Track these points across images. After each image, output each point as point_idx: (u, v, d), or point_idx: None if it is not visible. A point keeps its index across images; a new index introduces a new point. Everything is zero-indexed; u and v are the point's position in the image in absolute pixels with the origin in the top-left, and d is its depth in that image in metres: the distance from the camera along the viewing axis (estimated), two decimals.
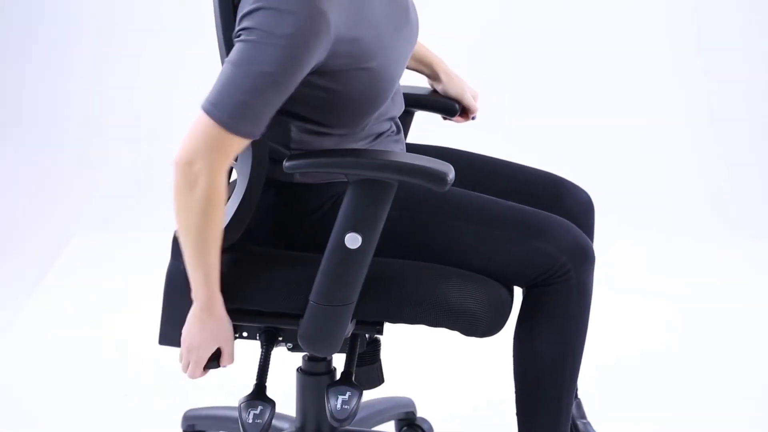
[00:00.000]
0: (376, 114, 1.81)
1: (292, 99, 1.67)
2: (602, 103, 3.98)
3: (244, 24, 1.62)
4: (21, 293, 3.19)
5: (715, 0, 4.00)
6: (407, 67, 2.13)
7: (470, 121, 2.20)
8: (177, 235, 1.72)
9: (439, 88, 2.16)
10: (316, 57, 1.64)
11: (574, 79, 4.00)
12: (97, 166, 3.87)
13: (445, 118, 2.18)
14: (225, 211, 1.71)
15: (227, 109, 1.61)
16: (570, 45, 4.00)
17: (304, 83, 1.67)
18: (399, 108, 1.92)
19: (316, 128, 1.77)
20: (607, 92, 3.99)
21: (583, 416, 2.09)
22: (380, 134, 1.86)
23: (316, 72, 1.67)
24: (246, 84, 1.61)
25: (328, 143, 1.79)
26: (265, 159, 1.75)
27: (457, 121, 2.18)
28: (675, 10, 4.01)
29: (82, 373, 2.73)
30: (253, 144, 1.72)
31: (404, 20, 1.83)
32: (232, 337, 1.78)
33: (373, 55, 1.72)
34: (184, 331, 1.77)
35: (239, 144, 1.64)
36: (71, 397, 2.61)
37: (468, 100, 2.15)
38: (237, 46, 1.63)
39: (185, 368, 1.80)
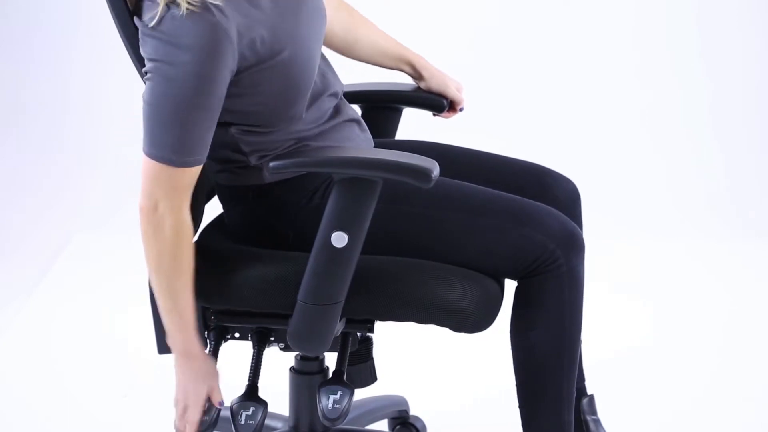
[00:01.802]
0: (309, 96, 1.80)
1: (226, 114, 1.70)
2: (602, 103, 3.96)
3: (148, 62, 1.64)
4: (21, 293, 3.19)
5: (715, 0, 3.98)
6: (388, 67, 2.13)
7: (459, 114, 2.19)
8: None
9: (422, 85, 2.15)
10: (228, 67, 1.64)
11: (573, 79, 3.98)
12: (97, 166, 3.86)
13: (435, 115, 2.18)
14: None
15: (167, 147, 1.63)
16: (568, 45, 3.98)
17: (231, 99, 1.68)
18: (336, 84, 1.90)
19: (259, 131, 1.77)
20: (606, 92, 3.97)
21: (594, 413, 2.07)
22: (332, 113, 1.86)
23: (235, 84, 1.68)
24: (173, 118, 1.62)
25: (278, 136, 1.78)
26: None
27: (446, 117, 2.18)
28: (674, 9, 3.98)
29: (82, 373, 2.73)
30: None
31: (298, 3, 1.78)
32: (218, 375, 1.80)
33: (279, 47, 1.71)
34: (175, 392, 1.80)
35: (192, 174, 1.67)
36: (71, 397, 2.62)
37: (452, 93, 2.14)
38: (148, 85, 1.64)
39: (183, 425, 1.82)
